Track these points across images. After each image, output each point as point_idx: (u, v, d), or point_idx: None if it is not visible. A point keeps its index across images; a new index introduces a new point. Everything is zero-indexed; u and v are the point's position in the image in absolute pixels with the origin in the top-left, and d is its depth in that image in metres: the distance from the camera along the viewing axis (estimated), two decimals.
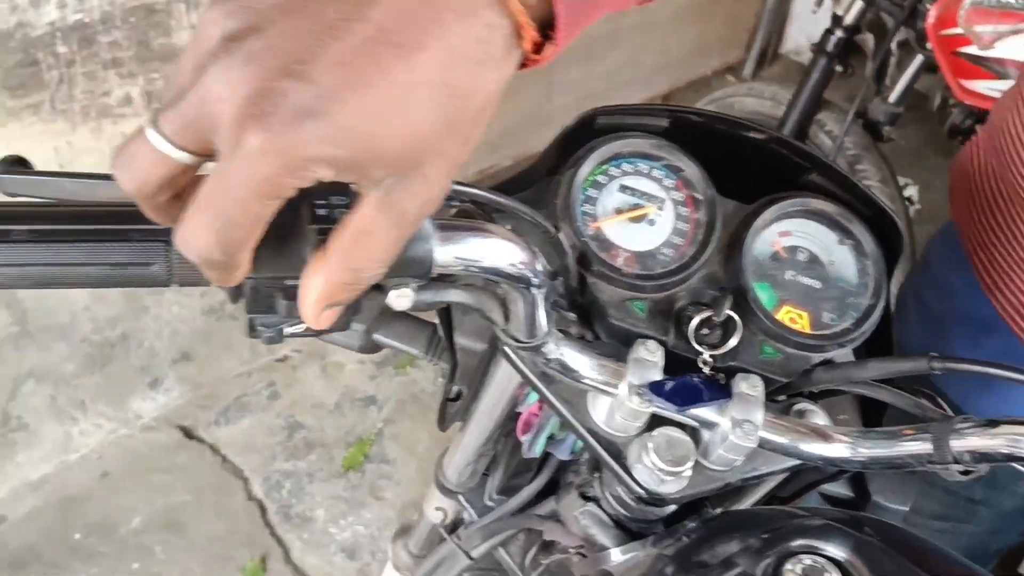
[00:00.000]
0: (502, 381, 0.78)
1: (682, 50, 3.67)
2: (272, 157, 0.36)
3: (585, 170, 0.70)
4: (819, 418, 0.71)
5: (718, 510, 0.74)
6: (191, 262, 0.41)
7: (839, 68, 2.29)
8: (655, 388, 0.64)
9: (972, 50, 1.97)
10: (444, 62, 0.38)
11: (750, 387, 0.66)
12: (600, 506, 0.73)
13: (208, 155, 0.39)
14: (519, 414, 0.82)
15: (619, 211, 0.70)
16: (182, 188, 0.40)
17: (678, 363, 0.67)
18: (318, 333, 0.50)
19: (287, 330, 0.49)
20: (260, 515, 2.14)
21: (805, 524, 0.67)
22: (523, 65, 0.42)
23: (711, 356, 0.68)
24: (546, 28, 0.41)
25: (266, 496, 2.18)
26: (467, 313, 0.78)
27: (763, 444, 0.66)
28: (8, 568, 2.00)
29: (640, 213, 0.71)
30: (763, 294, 0.70)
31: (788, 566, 0.59)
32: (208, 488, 2.19)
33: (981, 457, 0.59)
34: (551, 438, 0.81)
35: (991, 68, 1.99)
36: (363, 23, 0.37)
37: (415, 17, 0.37)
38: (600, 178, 0.71)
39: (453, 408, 0.86)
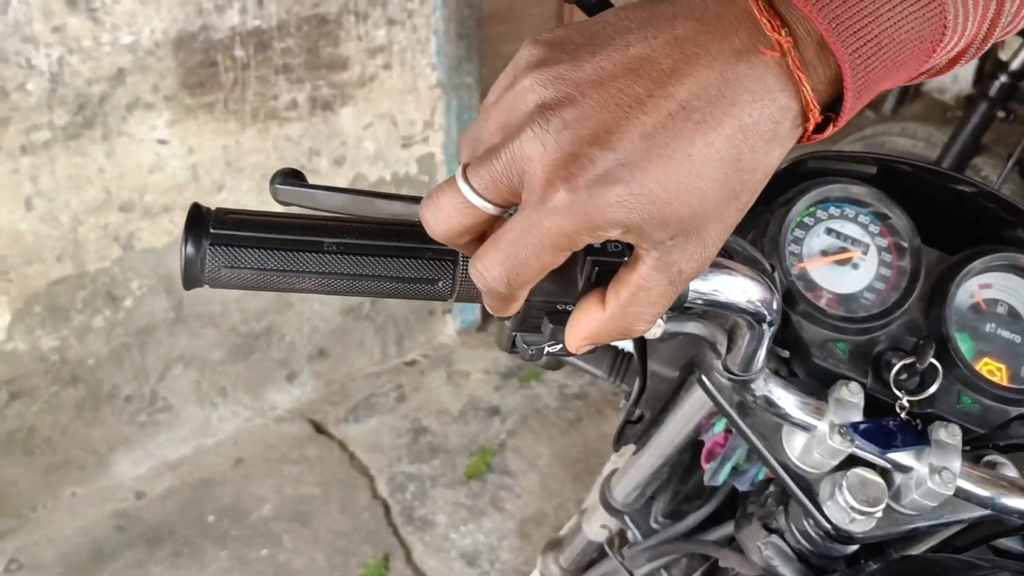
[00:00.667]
0: (690, 409, 0.81)
1: None
2: (575, 215, 0.40)
3: (795, 211, 0.72)
4: (1009, 471, 0.71)
5: (899, 554, 0.75)
6: (472, 283, 0.46)
7: (1001, 113, 2.25)
8: (856, 428, 0.66)
9: None
10: (737, 139, 0.41)
11: (949, 435, 0.67)
12: (784, 538, 0.75)
13: (507, 207, 0.43)
14: (701, 443, 0.84)
15: (825, 253, 0.73)
16: (480, 233, 0.45)
17: (875, 405, 0.69)
18: (570, 354, 0.53)
19: (548, 349, 0.53)
20: (384, 514, 2.20)
21: (990, 574, 0.67)
22: (800, 140, 0.44)
23: (909, 402, 0.69)
24: (828, 108, 0.44)
25: (390, 496, 2.24)
26: (662, 340, 0.81)
27: (959, 493, 0.67)
28: (145, 542, 2.10)
29: (845, 257, 0.73)
30: (963, 344, 0.71)
31: None
32: (335, 483, 2.26)
33: None
34: (735, 468, 0.83)
35: None
36: (667, 100, 0.40)
37: (716, 97, 0.40)
38: (808, 220, 0.73)
39: (632, 430, 0.88)
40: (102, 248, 1.94)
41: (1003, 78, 2.21)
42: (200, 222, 0.50)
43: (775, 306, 0.57)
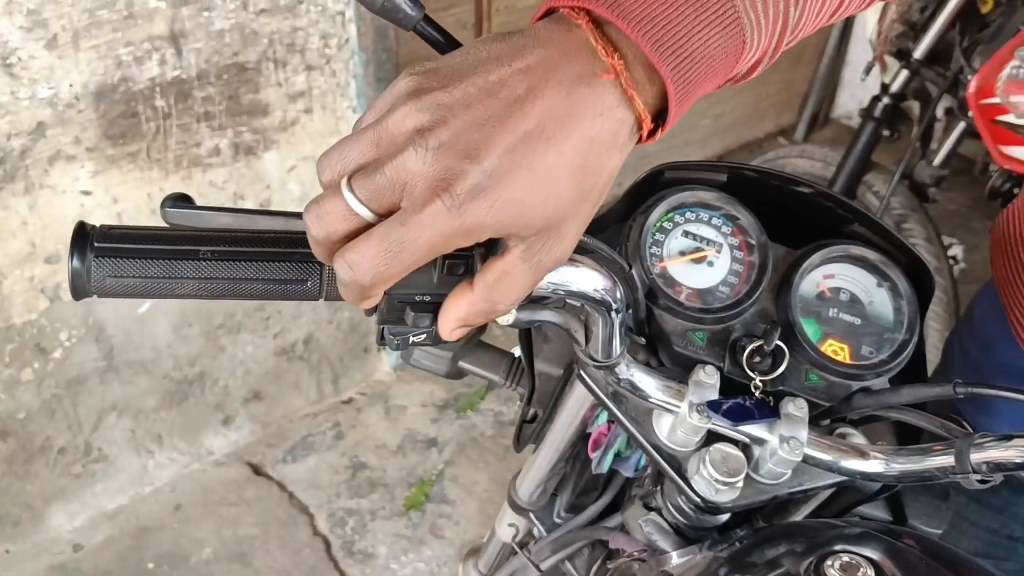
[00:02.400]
0: (575, 403, 0.87)
1: (737, 114, 3.78)
2: (452, 220, 0.47)
3: (654, 217, 0.80)
4: (856, 439, 0.79)
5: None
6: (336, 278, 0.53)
7: (887, 132, 2.38)
8: (712, 406, 0.73)
9: (1010, 118, 2.05)
10: (583, 150, 0.49)
11: (796, 408, 0.75)
12: (661, 515, 0.82)
13: (384, 216, 0.49)
14: (589, 435, 0.91)
15: (682, 253, 0.80)
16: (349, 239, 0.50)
17: (732, 387, 0.76)
18: (436, 342, 0.59)
19: (412, 339, 0.59)
20: (325, 549, 2.23)
21: (845, 532, 0.75)
22: (639, 142, 0.53)
23: (761, 381, 0.77)
24: (657, 116, 0.52)
25: (330, 532, 2.27)
26: (547, 341, 0.87)
27: (807, 460, 0.74)
28: None
29: (701, 255, 0.80)
30: (809, 328, 0.79)
31: (828, 562, 0.67)
32: (275, 522, 2.28)
33: (996, 467, 0.67)
34: (618, 455, 0.90)
35: None
36: (524, 119, 0.48)
37: (564, 115, 0.48)
38: (666, 224, 0.81)
39: (529, 430, 0.95)
40: (29, 300, 1.96)
41: (886, 100, 2.35)
42: (84, 237, 0.55)
43: (619, 295, 0.63)
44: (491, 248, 0.53)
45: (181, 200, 0.65)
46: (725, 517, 0.80)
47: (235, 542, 2.23)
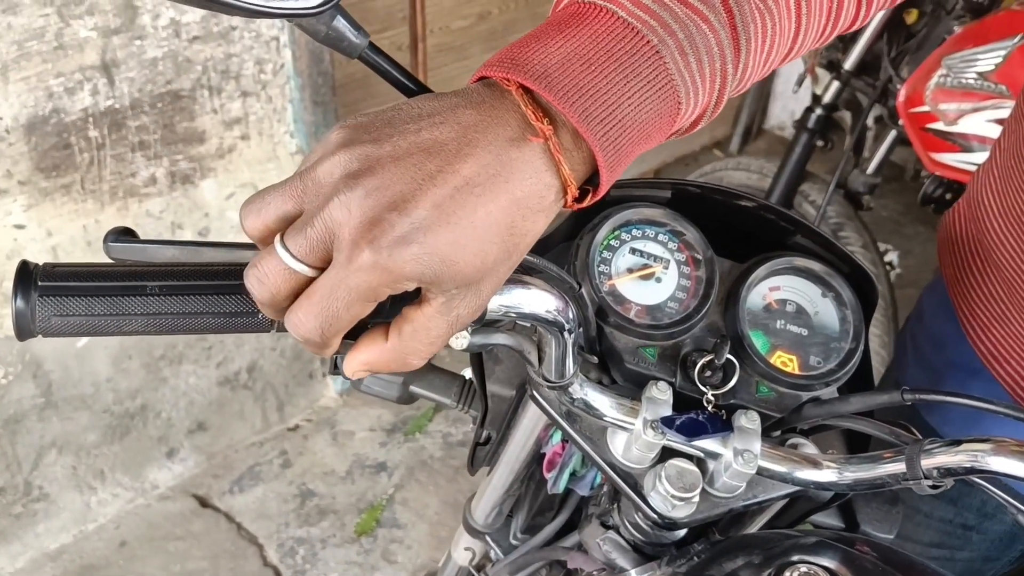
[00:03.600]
0: (529, 424, 0.87)
1: None
2: (378, 271, 0.47)
3: (601, 235, 0.80)
4: (808, 449, 0.80)
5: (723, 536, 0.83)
6: None
7: (820, 143, 2.44)
8: (667, 422, 0.74)
9: (939, 126, 2.12)
10: (511, 210, 0.49)
11: (748, 421, 0.76)
12: (619, 533, 0.82)
13: (323, 268, 0.49)
14: (543, 455, 0.91)
15: (630, 270, 0.81)
16: (296, 294, 0.51)
17: (685, 402, 0.77)
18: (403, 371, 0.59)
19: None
20: None
21: (801, 542, 0.76)
22: (565, 206, 0.54)
23: (713, 395, 0.77)
24: (589, 180, 0.54)
25: (280, 562, 2.24)
26: (498, 363, 0.88)
27: (761, 472, 0.75)
28: None
29: (648, 272, 0.81)
30: (757, 340, 0.80)
31: (786, 573, 0.68)
32: (224, 555, 2.25)
33: (947, 472, 0.69)
34: (574, 474, 0.90)
35: (957, 142, 2.14)
36: (454, 175, 0.48)
37: (494, 175, 0.49)
38: (613, 242, 0.81)
39: (483, 452, 0.94)
40: None
41: (819, 111, 2.40)
42: (28, 276, 0.54)
43: (571, 315, 0.64)
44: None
45: (124, 234, 0.64)
46: (682, 533, 0.81)
47: None
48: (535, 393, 0.77)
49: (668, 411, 0.74)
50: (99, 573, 2.20)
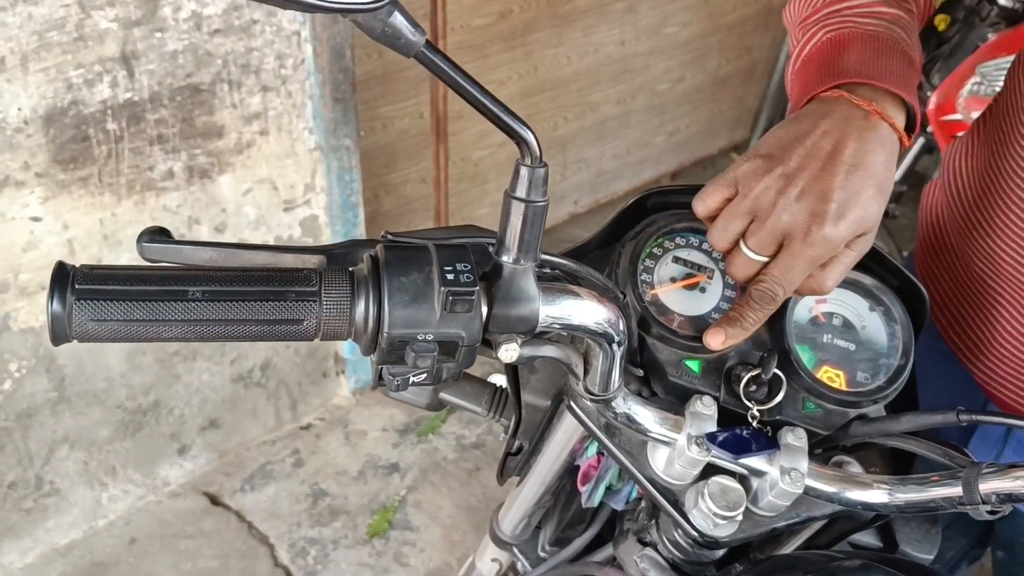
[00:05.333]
0: (564, 436, 0.84)
1: (691, 131, 3.79)
2: (829, 241, 0.68)
3: (643, 244, 0.77)
4: (853, 468, 0.77)
5: (763, 555, 0.80)
6: (335, 319, 0.54)
7: None
8: (711, 438, 0.71)
9: None
10: (879, 175, 0.70)
11: (796, 439, 0.73)
12: (657, 550, 0.79)
13: (771, 257, 0.70)
14: (577, 467, 0.88)
15: (674, 280, 0.79)
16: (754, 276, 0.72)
17: (728, 417, 0.74)
18: (437, 381, 0.57)
19: (412, 379, 0.56)
20: None
21: (845, 564, 0.73)
22: (902, 147, 0.74)
23: (759, 411, 0.75)
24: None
25: (291, 563, 2.22)
26: (533, 372, 0.85)
27: (808, 491, 0.72)
28: None
29: (693, 282, 0.78)
30: (804, 355, 0.77)
31: None
32: (235, 554, 2.22)
33: (1006, 498, 0.66)
34: (609, 488, 0.87)
35: None
36: (842, 164, 0.69)
37: (865, 151, 0.70)
38: (656, 251, 0.79)
39: (513, 462, 0.92)
40: None
41: None
42: (65, 278, 0.51)
43: (621, 327, 0.61)
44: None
45: (159, 234, 0.62)
46: (722, 552, 0.78)
47: (193, 575, 2.16)
48: (573, 404, 0.74)
49: (713, 426, 0.72)
50: (108, 570, 2.18)
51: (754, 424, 0.74)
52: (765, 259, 0.70)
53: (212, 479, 2.42)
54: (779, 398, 0.75)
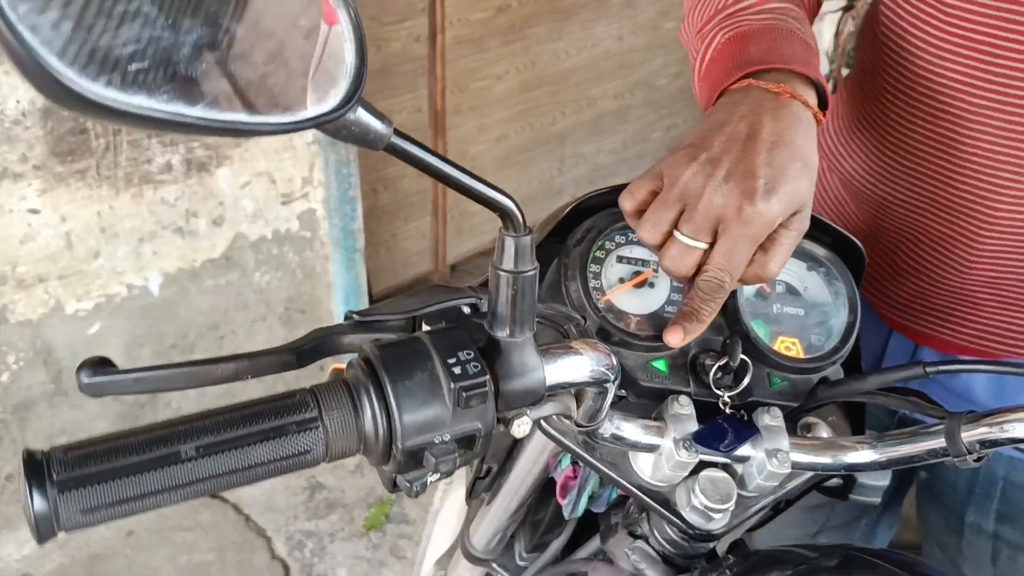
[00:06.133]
0: (535, 452, 0.83)
1: (688, 126, 3.79)
2: (763, 216, 0.68)
3: (585, 249, 0.77)
4: (822, 428, 0.78)
5: (744, 534, 0.80)
6: (342, 440, 0.51)
7: None
8: (699, 438, 0.71)
9: None
10: (801, 150, 0.71)
11: (772, 418, 0.73)
12: (648, 543, 0.80)
13: (711, 242, 0.70)
14: (552, 480, 0.88)
15: (622, 280, 0.78)
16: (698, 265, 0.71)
17: (700, 406, 0.74)
18: (451, 473, 0.54)
19: (430, 479, 0.54)
20: (283, 574, 2.18)
21: (834, 558, 0.73)
22: (818, 122, 0.76)
23: (729, 397, 0.75)
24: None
25: (289, 555, 2.22)
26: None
27: (795, 466, 0.73)
28: None
29: (641, 279, 0.78)
30: (760, 331, 0.78)
31: None
32: (231, 547, 2.23)
33: (991, 444, 0.67)
34: (591, 497, 0.87)
35: None
36: (763, 143, 0.70)
37: (783, 128, 0.71)
38: (599, 254, 0.78)
39: (482, 484, 0.91)
40: None
41: None
42: (40, 469, 0.45)
43: (615, 363, 0.61)
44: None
45: (100, 366, 0.52)
46: (715, 543, 0.78)
47: (191, 569, 2.17)
48: (548, 428, 0.73)
49: (695, 425, 0.72)
50: (106, 562, 2.18)
51: (727, 411, 0.75)
52: (703, 245, 0.70)
53: None
54: (747, 381, 0.75)
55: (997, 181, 0.90)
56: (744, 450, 0.72)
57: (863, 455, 0.73)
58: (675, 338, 0.72)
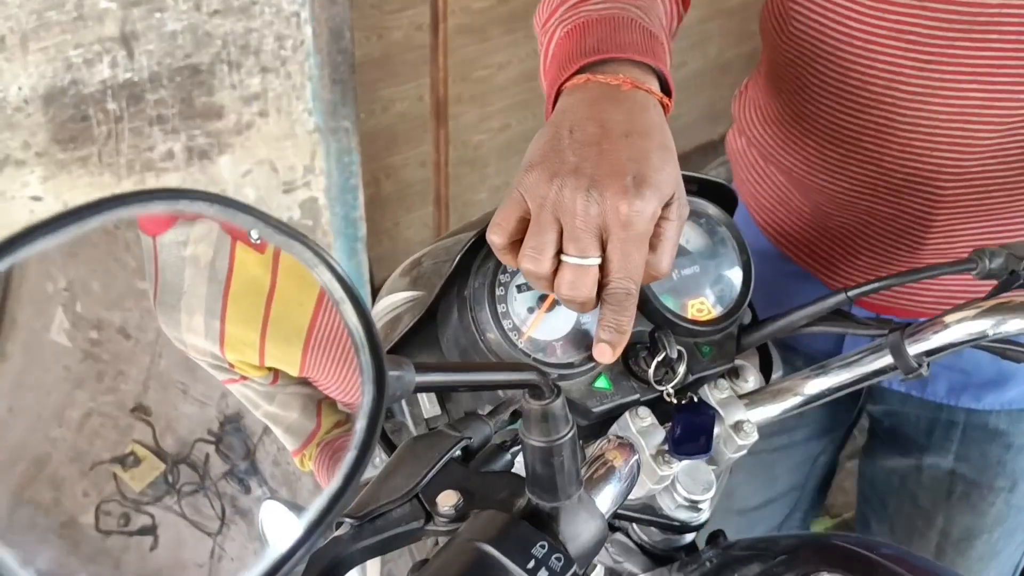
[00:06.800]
0: None
1: (691, 117, 3.79)
2: (643, 213, 0.64)
3: (485, 292, 0.72)
4: (749, 370, 0.79)
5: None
6: None
7: None
8: (677, 448, 0.69)
9: None
10: (656, 135, 0.68)
11: (721, 391, 0.74)
12: (628, 535, 0.81)
13: (600, 253, 0.65)
14: None
15: (531, 310, 0.74)
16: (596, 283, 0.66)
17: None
18: None
19: None
20: None
21: (819, 548, 0.75)
22: (666, 110, 0.74)
23: (672, 388, 0.73)
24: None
25: None
26: None
27: (761, 428, 0.73)
28: None
29: (550, 302, 0.73)
30: (671, 304, 0.76)
31: None
32: None
33: (938, 351, 0.69)
34: None
35: None
36: (617, 139, 0.66)
37: (632, 119, 0.68)
38: (499, 291, 0.73)
39: None
40: None
41: None
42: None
43: (634, 451, 0.61)
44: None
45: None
46: (693, 536, 0.79)
47: None
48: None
49: (661, 433, 0.70)
50: None
51: (674, 401, 0.73)
52: (595, 261, 0.65)
53: None
54: (682, 370, 0.73)
55: (939, 162, 0.92)
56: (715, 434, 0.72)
57: (817, 384, 0.74)
58: (606, 355, 0.68)
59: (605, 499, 0.59)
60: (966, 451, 1.15)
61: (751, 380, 0.79)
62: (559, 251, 0.65)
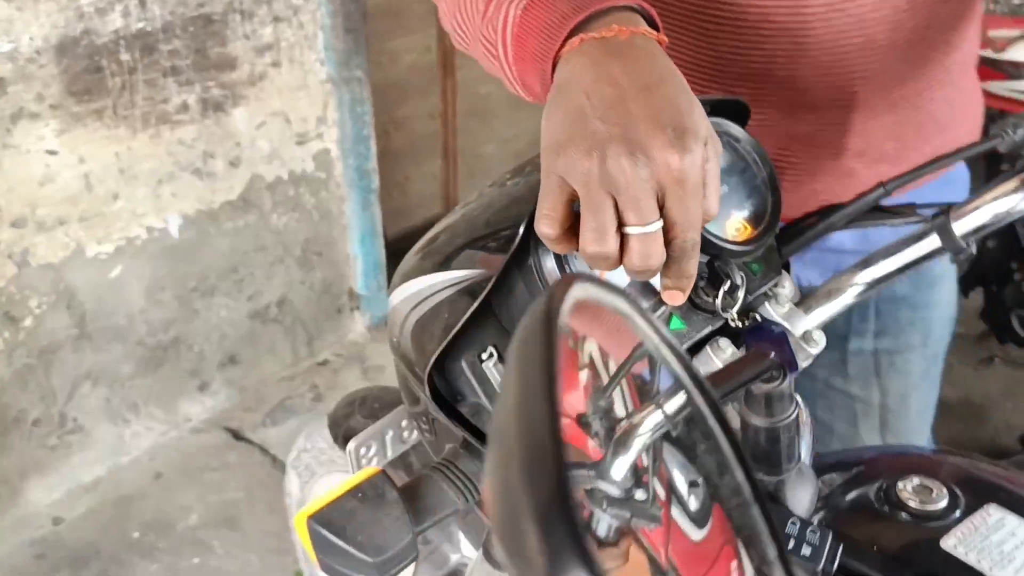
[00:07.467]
0: None
1: None
2: (693, 164, 0.60)
3: (552, 254, 0.72)
4: (784, 277, 0.78)
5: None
6: None
7: None
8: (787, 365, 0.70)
9: (987, 53, 2.07)
10: (671, 77, 0.64)
11: (781, 305, 0.73)
12: None
13: (659, 216, 0.62)
14: None
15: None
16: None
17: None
18: None
19: None
20: None
21: (911, 458, 0.75)
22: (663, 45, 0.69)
23: (736, 313, 0.73)
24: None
25: None
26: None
27: (826, 326, 0.73)
28: (69, 565, 2.05)
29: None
30: (715, 230, 0.73)
31: (900, 485, 0.68)
32: (259, 485, 2.24)
33: (982, 228, 0.70)
34: None
35: (1005, 69, 2.09)
36: (638, 93, 0.62)
37: (643, 71, 0.64)
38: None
39: None
40: None
41: None
42: None
43: None
44: None
45: None
46: None
47: (221, 507, 2.18)
48: None
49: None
50: (136, 503, 2.20)
51: (739, 324, 0.74)
52: (658, 225, 0.62)
53: (233, 414, 2.44)
54: (741, 293, 0.72)
55: (848, 70, 0.96)
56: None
57: (871, 273, 0.74)
58: (677, 299, 0.66)
59: None
60: (883, 325, 1.18)
61: (787, 287, 0.79)
62: (620, 225, 0.62)
